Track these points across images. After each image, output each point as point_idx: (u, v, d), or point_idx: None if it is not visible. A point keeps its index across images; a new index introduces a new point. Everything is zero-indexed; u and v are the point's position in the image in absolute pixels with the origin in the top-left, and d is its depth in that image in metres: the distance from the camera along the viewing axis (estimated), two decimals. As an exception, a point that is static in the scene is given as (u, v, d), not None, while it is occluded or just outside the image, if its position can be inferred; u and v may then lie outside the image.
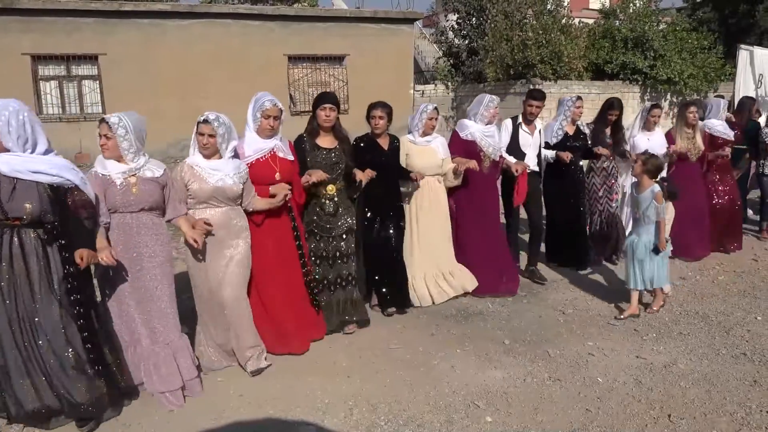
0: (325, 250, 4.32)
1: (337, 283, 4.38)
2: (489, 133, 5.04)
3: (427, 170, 4.79)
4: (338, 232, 4.32)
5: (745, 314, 4.78)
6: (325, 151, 4.23)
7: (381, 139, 4.65)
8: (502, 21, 15.26)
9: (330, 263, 4.35)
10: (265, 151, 3.89)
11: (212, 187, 3.56)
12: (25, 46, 13.15)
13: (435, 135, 4.89)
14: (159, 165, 3.46)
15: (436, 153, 4.85)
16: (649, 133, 5.98)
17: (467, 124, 5.09)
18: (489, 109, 5.01)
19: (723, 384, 3.65)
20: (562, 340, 4.33)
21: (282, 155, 3.95)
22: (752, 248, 6.66)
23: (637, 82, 14.47)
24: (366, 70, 15.39)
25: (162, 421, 3.28)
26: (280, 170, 3.91)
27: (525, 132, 5.48)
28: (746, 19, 19.04)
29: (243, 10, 15.05)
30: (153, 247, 3.39)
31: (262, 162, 3.88)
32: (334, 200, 4.25)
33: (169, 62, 13.97)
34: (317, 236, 4.30)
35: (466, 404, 3.44)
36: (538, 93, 5.44)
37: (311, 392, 3.57)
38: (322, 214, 4.26)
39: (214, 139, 3.54)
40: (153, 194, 3.36)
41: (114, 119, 3.25)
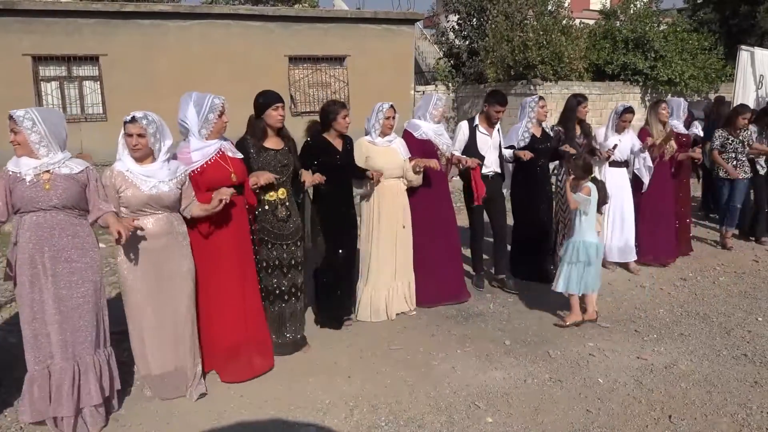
0: (278, 259, 3.98)
1: (291, 293, 4.06)
2: (440, 132, 4.97)
3: (391, 171, 4.60)
4: (292, 239, 4.03)
5: (746, 315, 4.78)
6: (273, 153, 3.93)
7: (335, 139, 4.42)
8: (502, 22, 15.26)
9: (285, 272, 4.02)
10: (213, 153, 3.57)
11: (146, 195, 3.26)
12: (26, 47, 13.15)
13: (394, 135, 4.70)
14: (80, 162, 3.18)
15: (398, 153, 4.66)
16: (619, 136, 5.80)
17: (419, 124, 4.93)
18: (438, 108, 4.93)
19: (724, 385, 3.65)
20: (562, 340, 4.33)
21: (231, 154, 3.66)
22: (752, 249, 6.66)
23: (637, 83, 14.46)
24: (366, 71, 15.39)
25: (162, 422, 3.28)
26: (234, 170, 3.61)
27: (483, 134, 5.31)
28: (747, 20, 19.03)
29: (244, 11, 15.05)
30: (70, 251, 3.08)
31: (213, 164, 3.56)
32: (285, 204, 3.97)
33: (169, 63, 13.98)
34: (269, 244, 3.96)
35: (466, 405, 3.44)
36: (503, 98, 5.27)
37: (312, 393, 3.57)
38: (274, 221, 3.94)
39: (144, 140, 3.24)
40: (68, 192, 3.05)
41: (20, 112, 2.98)
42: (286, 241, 4.00)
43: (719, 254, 6.48)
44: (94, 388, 3.16)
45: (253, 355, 3.75)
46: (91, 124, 13.48)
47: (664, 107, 5.90)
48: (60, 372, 3.09)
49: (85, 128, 13.27)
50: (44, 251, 3.04)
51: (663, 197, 6.04)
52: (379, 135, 4.60)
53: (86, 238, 3.17)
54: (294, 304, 4.08)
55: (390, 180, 4.61)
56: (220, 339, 3.65)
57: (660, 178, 5.98)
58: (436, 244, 4.91)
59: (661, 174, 6.01)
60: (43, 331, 3.07)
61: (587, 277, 4.51)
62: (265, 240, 3.96)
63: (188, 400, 3.48)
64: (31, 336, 3.07)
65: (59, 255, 3.07)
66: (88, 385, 3.15)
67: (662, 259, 6.05)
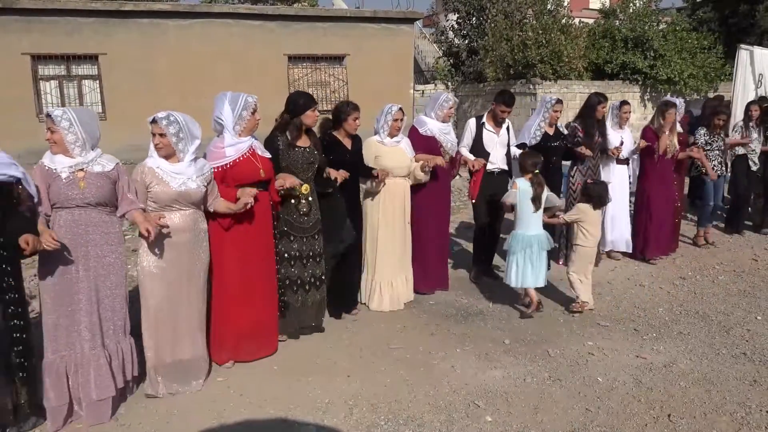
0: (299, 251, 4.23)
1: (311, 283, 4.32)
2: (446, 131, 5.08)
3: (398, 171, 4.76)
4: (312, 231, 4.26)
5: (745, 314, 4.79)
6: (302, 150, 4.15)
7: (345, 138, 4.60)
8: (502, 21, 15.25)
9: (304, 263, 4.27)
10: (246, 149, 3.79)
11: (175, 192, 3.41)
12: (25, 46, 13.14)
13: (402, 135, 4.86)
14: (111, 159, 3.32)
15: (405, 153, 4.83)
16: (620, 131, 5.96)
17: (425, 120, 5.09)
18: (444, 108, 5.03)
19: (723, 383, 3.65)
20: (562, 339, 4.34)
21: (261, 153, 3.88)
22: (752, 248, 6.67)
23: (637, 82, 14.46)
24: (366, 70, 15.40)
25: (162, 421, 3.28)
26: (263, 167, 3.83)
27: (490, 131, 5.39)
28: (746, 19, 19.01)
29: (243, 10, 15.05)
30: (102, 247, 3.24)
31: (245, 160, 3.78)
32: (308, 199, 4.17)
33: (169, 62, 13.98)
34: (290, 236, 4.19)
35: (466, 404, 3.44)
36: (510, 99, 5.30)
37: (311, 392, 3.58)
38: (297, 215, 4.17)
39: (165, 139, 3.37)
40: (102, 189, 3.20)
41: (58, 112, 3.12)
42: (306, 234, 4.22)
43: (718, 253, 6.49)
44: (119, 373, 3.34)
45: (261, 338, 3.99)
46: (90, 124, 13.45)
47: (671, 112, 5.86)
48: (91, 359, 3.23)
49: (85, 127, 13.25)
50: (78, 247, 3.18)
51: (663, 198, 6.09)
52: (387, 135, 4.75)
53: (116, 234, 3.33)
54: (314, 294, 4.33)
55: (397, 179, 4.77)
56: (236, 323, 3.83)
57: (664, 176, 6.06)
58: (429, 237, 5.10)
59: (665, 171, 6.07)
60: (63, 322, 3.19)
61: (534, 269, 4.64)
62: (287, 232, 4.18)
63: (188, 400, 3.48)
64: (52, 326, 3.19)
65: (92, 251, 3.22)
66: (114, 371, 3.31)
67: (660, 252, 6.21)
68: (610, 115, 5.97)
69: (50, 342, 3.20)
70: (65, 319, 3.19)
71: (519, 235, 4.68)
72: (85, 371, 3.22)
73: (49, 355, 3.20)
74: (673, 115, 5.88)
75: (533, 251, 4.63)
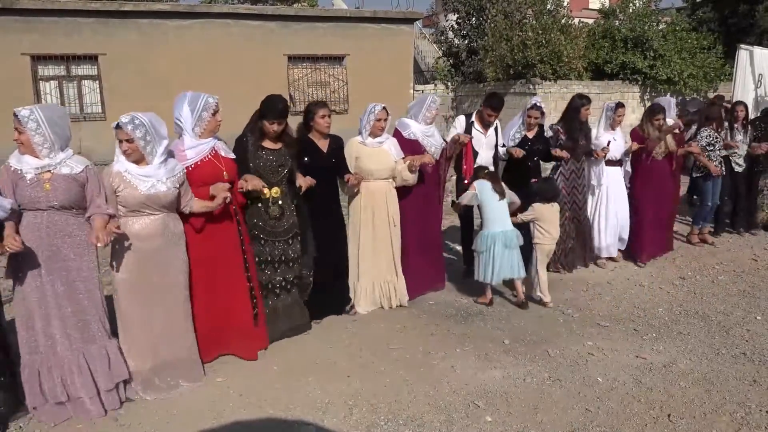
0: (270, 255, 4.10)
1: (283, 287, 4.20)
2: (429, 133, 4.92)
3: (380, 173, 4.63)
4: (285, 236, 4.12)
5: (745, 314, 4.79)
6: (269, 152, 4.02)
7: (320, 140, 4.46)
8: (501, 21, 15.25)
9: (276, 267, 4.14)
10: (208, 151, 3.67)
11: (144, 195, 3.29)
12: (25, 46, 13.14)
13: (386, 135, 4.70)
14: (81, 161, 3.21)
15: (388, 155, 4.66)
16: (612, 133, 5.80)
17: (409, 123, 4.92)
18: (431, 110, 4.90)
19: (723, 383, 3.65)
20: (561, 339, 4.33)
21: (224, 154, 3.77)
22: (752, 248, 6.66)
23: (636, 82, 14.47)
24: (366, 70, 15.40)
25: (162, 421, 3.28)
26: (226, 169, 3.72)
27: (478, 131, 5.33)
28: (746, 19, 19.02)
29: (243, 10, 15.06)
30: (69, 250, 3.16)
31: (206, 162, 3.66)
32: (278, 204, 4.04)
33: (168, 62, 13.97)
34: (262, 240, 4.08)
35: (465, 404, 3.44)
36: (498, 103, 5.24)
37: (311, 392, 3.57)
38: (266, 218, 4.04)
39: (133, 144, 3.25)
40: (68, 192, 3.10)
41: (24, 112, 3.01)
42: (277, 238, 4.10)
43: (718, 253, 6.49)
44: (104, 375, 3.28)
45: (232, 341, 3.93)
46: (90, 124, 13.47)
47: (658, 118, 5.76)
48: (65, 360, 3.20)
49: (84, 127, 13.26)
50: (42, 250, 3.11)
51: (660, 198, 6.04)
52: (369, 136, 4.61)
53: (83, 237, 3.20)
54: (286, 298, 4.22)
55: (378, 182, 4.63)
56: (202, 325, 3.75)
57: (656, 177, 5.99)
58: (419, 241, 5.00)
59: (658, 172, 5.99)
60: (34, 325, 3.16)
61: (504, 264, 4.74)
62: (258, 236, 4.07)
63: (188, 400, 3.48)
64: (23, 329, 3.17)
65: (58, 255, 3.14)
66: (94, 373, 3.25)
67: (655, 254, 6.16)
68: (603, 116, 5.85)
69: (24, 344, 3.18)
70: (39, 321, 3.15)
71: (487, 234, 4.78)
72: (61, 372, 3.20)
73: (24, 356, 3.20)
74: (660, 120, 5.75)
75: (507, 246, 4.74)
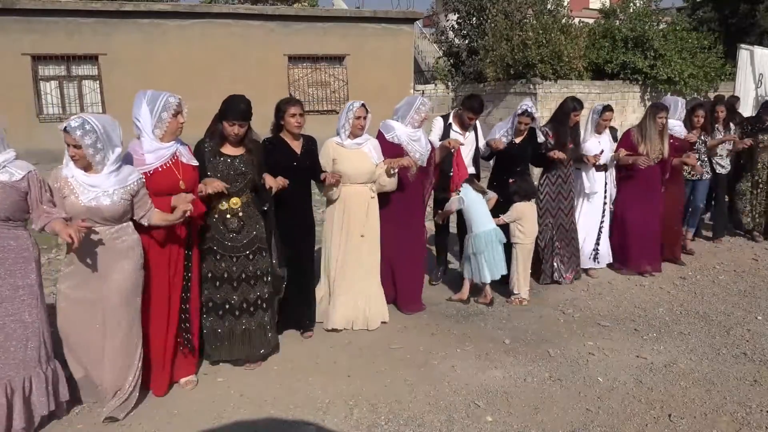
0: (227, 271, 3.70)
1: (243, 308, 3.75)
2: (415, 138, 4.58)
3: (358, 177, 4.31)
4: (244, 251, 3.72)
5: (746, 314, 4.78)
6: (229, 159, 3.66)
7: (292, 140, 4.14)
8: (502, 21, 15.24)
9: (234, 285, 3.72)
10: (168, 157, 3.34)
11: (84, 207, 2.99)
12: (26, 47, 13.15)
13: (367, 137, 4.36)
14: (23, 167, 2.94)
15: (368, 157, 4.33)
16: (599, 136, 5.58)
17: (393, 126, 4.59)
18: (420, 113, 4.56)
19: (723, 383, 3.65)
20: (562, 339, 4.33)
21: (185, 160, 3.43)
22: (752, 248, 6.66)
23: (637, 82, 14.45)
24: (366, 70, 15.39)
25: (162, 422, 3.27)
26: (184, 178, 3.38)
27: (456, 133, 5.13)
28: (746, 19, 19.03)
29: (243, 10, 15.05)
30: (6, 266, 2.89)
31: (165, 170, 3.33)
32: (238, 215, 3.68)
33: (169, 62, 13.97)
34: (217, 255, 3.68)
35: (466, 404, 3.44)
36: (479, 107, 5.07)
37: (312, 392, 3.57)
38: (224, 231, 3.67)
39: (81, 151, 2.95)
40: (4, 201, 2.83)
41: None
42: (236, 254, 3.71)
43: (719, 253, 6.48)
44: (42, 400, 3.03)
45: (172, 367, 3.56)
46: (90, 124, 13.46)
47: (662, 115, 5.45)
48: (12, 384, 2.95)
49: (85, 128, 13.26)
50: None
51: (647, 206, 5.64)
52: (348, 136, 4.31)
53: (21, 251, 2.95)
54: (247, 320, 3.77)
55: (356, 186, 4.33)
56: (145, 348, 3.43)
57: (645, 184, 5.61)
58: (401, 253, 4.68)
59: (648, 179, 5.60)
60: None
61: (498, 261, 4.85)
62: (214, 250, 3.69)
63: (188, 400, 3.48)
64: None
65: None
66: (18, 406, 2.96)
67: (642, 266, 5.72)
68: (590, 119, 5.61)
69: None
70: None
71: (480, 234, 4.82)
72: None
73: None
74: (663, 119, 5.46)
75: (494, 246, 4.83)
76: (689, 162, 5.84)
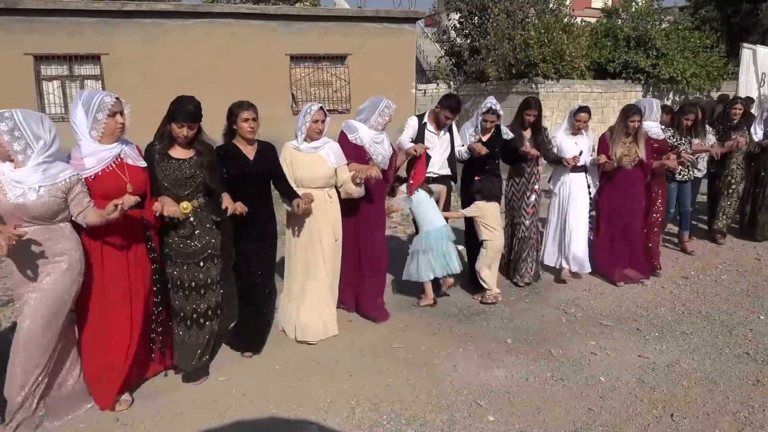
0: (180, 278, 3.56)
1: (193, 319, 3.61)
2: (378, 140, 4.49)
3: (313, 182, 4.18)
4: (197, 257, 3.57)
5: (748, 313, 4.78)
6: (177, 162, 3.50)
7: (246, 146, 3.96)
8: (504, 20, 15.25)
9: (186, 294, 3.58)
10: (110, 159, 3.20)
11: (12, 204, 2.84)
12: (28, 46, 13.15)
13: (325, 139, 4.23)
14: None
15: (325, 162, 4.18)
16: (575, 138, 5.42)
17: (357, 127, 4.49)
18: (384, 116, 4.47)
19: (726, 383, 3.64)
20: (564, 339, 4.33)
21: (132, 162, 3.29)
22: (755, 248, 6.65)
23: (639, 81, 14.44)
24: (368, 70, 15.38)
25: (164, 421, 3.28)
26: (132, 180, 3.23)
27: (431, 132, 5.02)
28: (749, 18, 19.01)
29: (245, 10, 15.05)
30: None
31: (109, 173, 3.18)
32: (189, 220, 3.52)
33: (171, 62, 13.98)
34: (173, 261, 3.55)
35: (468, 403, 3.44)
36: (456, 106, 4.94)
37: (314, 392, 3.58)
38: (175, 236, 3.53)
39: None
40: None
41: None
42: (189, 260, 3.57)
43: (721, 252, 6.48)
44: None
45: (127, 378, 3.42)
46: (92, 124, 13.48)
47: (633, 119, 5.24)
48: None
49: (87, 127, 13.28)
50: None
51: (628, 208, 5.46)
52: (304, 140, 4.19)
53: None
54: (197, 333, 3.62)
55: (312, 191, 4.16)
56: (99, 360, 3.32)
57: (627, 186, 5.42)
58: (363, 260, 4.60)
59: (629, 181, 5.41)
60: None
61: (440, 262, 4.79)
62: (170, 256, 3.56)
63: (190, 400, 3.48)
64: None
65: None
66: None
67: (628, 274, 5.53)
68: (566, 120, 5.49)
69: None
70: None
71: (431, 231, 4.80)
72: None
73: None
74: (636, 122, 5.24)
75: (444, 242, 4.81)
76: (669, 164, 5.55)
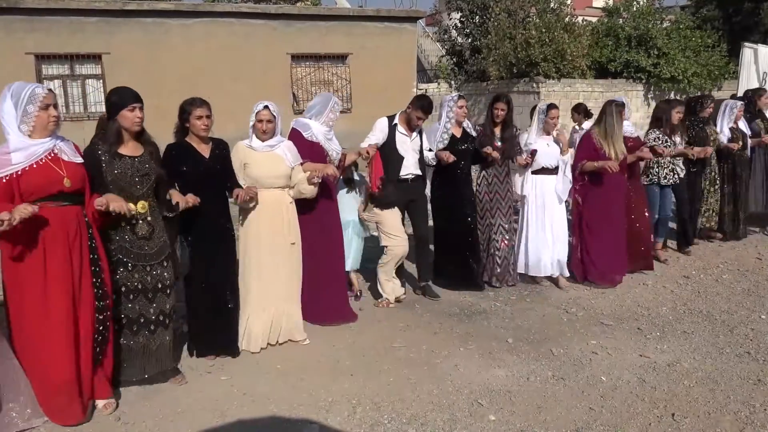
0: (141, 282, 3.42)
1: (159, 321, 3.50)
2: (330, 137, 4.48)
3: (272, 181, 4.06)
4: (157, 258, 3.46)
5: (749, 313, 4.77)
6: (131, 160, 3.35)
7: (200, 144, 3.84)
8: (505, 19, 15.25)
9: (150, 297, 3.45)
10: (42, 154, 3.00)
11: None
12: (29, 46, 13.17)
13: (279, 138, 4.11)
14: None
15: (282, 160, 4.06)
16: (547, 138, 5.28)
17: (309, 124, 4.41)
18: (335, 111, 4.46)
19: (727, 383, 3.64)
20: (565, 338, 4.33)
21: (68, 158, 3.10)
22: (756, 247, 6.65)
23: (640, 81, 14.44)
24: (369, 69, 15.39)
25: (165, 420, 3.28)
26: (69, 175, 3.05)
27: (402, 134, 4.89)
28: (750, 18, 19.00)
29: (246, 9, 15.06)
30: None
31: (41, 166, 2.98)
32: (147, 220, 3.39)
33: (172, 61, 13.99)
34: (129, 265, 3.38)
35: (469, 403, 3.44)
36: (428, 106, 4.82)
37: (314, 391, 3.58)
38: (134, 239, 3.38)
39: None
40: None
41: None
42: (149, 262, 3.44)
43: (722, 252, 6.47)
44: None
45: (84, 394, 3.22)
46: (93, 123, 13.46)
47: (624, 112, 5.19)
48: None
49: (88, 126, 13.23)
50: None
51: (609, 208, 5.32)
52: (256, 139, 4.05)
53: None
54: (162, 334, 3.53)
55: (272, 190, 4.07)
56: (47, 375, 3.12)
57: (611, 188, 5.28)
58: (322, 261, 4.48)
59: (613, 182, 5.25)
60: None
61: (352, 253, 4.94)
62: (124, 261, 3.39)
63: (191, 399, 3.48)
64: None
65: None
66: None
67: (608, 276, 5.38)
68: (535, 119, 5.31)
69: None
70: None
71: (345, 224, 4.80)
72: None
73: None
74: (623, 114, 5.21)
75: (357, 234, 4.96)
76: (644, 156, 5.47)
